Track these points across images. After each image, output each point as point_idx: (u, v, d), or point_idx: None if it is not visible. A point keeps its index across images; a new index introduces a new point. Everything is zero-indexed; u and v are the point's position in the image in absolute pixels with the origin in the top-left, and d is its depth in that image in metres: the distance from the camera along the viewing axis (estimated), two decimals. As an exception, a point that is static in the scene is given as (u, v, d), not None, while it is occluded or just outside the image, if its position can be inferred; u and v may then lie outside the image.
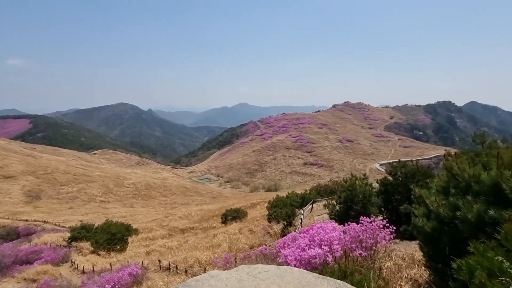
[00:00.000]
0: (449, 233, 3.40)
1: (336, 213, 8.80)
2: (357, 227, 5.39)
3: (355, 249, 5.14)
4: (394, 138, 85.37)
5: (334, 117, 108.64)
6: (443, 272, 3.23)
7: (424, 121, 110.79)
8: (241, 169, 74.36)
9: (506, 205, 2.87)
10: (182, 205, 45.98)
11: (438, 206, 3.55)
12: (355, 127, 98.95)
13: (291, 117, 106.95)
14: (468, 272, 2.31)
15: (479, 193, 3.20)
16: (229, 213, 24.06)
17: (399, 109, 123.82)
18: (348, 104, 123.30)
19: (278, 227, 15.01)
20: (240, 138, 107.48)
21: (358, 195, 8.11)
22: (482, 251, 2.32)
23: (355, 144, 77.81)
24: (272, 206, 18.28)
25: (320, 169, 65.36)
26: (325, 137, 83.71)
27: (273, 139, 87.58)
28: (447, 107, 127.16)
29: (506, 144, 4.25)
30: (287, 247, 6.72)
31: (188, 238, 20.82)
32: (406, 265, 4.48)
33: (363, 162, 64.77)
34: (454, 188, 3.63)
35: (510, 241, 2.20)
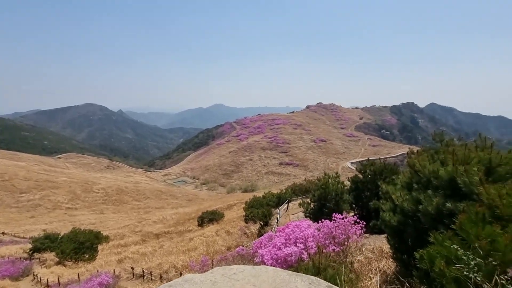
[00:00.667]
0: (412, 225, 3.63)
1: (310, 211, 9.02)
2: (330, 224, 5.58)
3: (329, 245, 5.32)
4: (364, 138, 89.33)
5: (308, 117, 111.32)
6: (408, 263, 3.44)
7: (391, 121, 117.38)
8: (218, 171, 73.65)
9: (461, 197, 3.13)
10: (157, 209, 44.51)
11: (403, 201, 3.78)
12: (328, 127, 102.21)
13: (267, 118, 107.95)
14: (429, 261, 2.49)
15: (438, 187, 3.46)
16: (205, 215, 23.72)
17: (368, 110, 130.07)
18: (321, 105, 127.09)
19: (255, 227, 15.06)
20: (216, 139, 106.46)
21: (331, 193, 8.39)
22: (441, 241, 2.51)
23: (328, 143, 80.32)
24: (249, 206, 18.31)
25: (295, 168, 66.62)
26: (300, 137, 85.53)
27: (249, 140, 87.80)
28: (410, 108, 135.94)
29: (461, 142, 4.62)
30: (263, 246, 6.77)
31: (163, 243, 20.20)
32: (376, 258, 4.72)
33: (336, 161, 67.04)
34: (417, 183, 3.88)
35: (464, 231, 2.41)
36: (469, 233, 2.31)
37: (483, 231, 2.21)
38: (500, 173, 3.19)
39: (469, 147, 3.53)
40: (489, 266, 2.10)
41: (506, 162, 3.22)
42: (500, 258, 2.06)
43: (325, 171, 10.86)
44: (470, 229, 2.30)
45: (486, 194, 2.63)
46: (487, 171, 3.26)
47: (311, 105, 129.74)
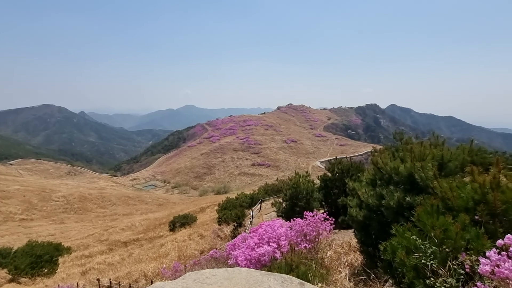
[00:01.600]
0: (377, 219, 3.85)
1: (282, 210, 9.18)
2: (302, 222, 5.73)
3: (301, 243, 5.46)
4: (332, 138, 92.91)
5: (279, 118, 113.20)
6: (373, 255, 3.65)
7: (356, 122, 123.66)
8: (189, 173, 72.01)
9: (419, 191, 3.40)
10: (125, 215, 42.32)
11: (367, 197, 4.00)
12: (298, 128, 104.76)
13: (238, 119, 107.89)
14: (391, 252, 2.66)
15: (399, 182, 3.71)
16: (177, 219, 23.05)
17: (335, 111, 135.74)
18: (291, 107, 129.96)
19: (228, 229, 14.96)
20: (187, 141, 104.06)
21: (302, 191, 8.61)
22: (402, 232, 2.69)
23: (299, 144, 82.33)
24: (222, 208, 18.14)
25: (267, 169, 67.33)
26: (271, 138, 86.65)
27: (221, 142, 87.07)
28: (373, 109, 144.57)
29: (418, 140, 5.00)
30: (237, 248, 6.76)
31: (132, 251, 19.27)
32: (344, 252, 4.93)
33: (306, 161, 68.92)
34: (380, 179, 4.13)
35: (421, 222, 2.61)
36: (426, 224, 2.51)
37: (437, 221, 2.41)
38: (450, 167, 3.51)
39: (424, 145, 3.84)
40: (443, 253, 2.29)
41: (455, 158, 3.55)
42: (452, 245, 2.26)
43: (296, 170, 11.12)
44: (426, 220, 2.50)
45: (439, 188, 2.88)
46: (440, 166, 3.57)
47: (282, 106, 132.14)
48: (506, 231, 2.15)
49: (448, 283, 1.99)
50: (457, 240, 2.22)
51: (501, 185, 2.45)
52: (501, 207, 2.29)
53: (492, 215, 2.33)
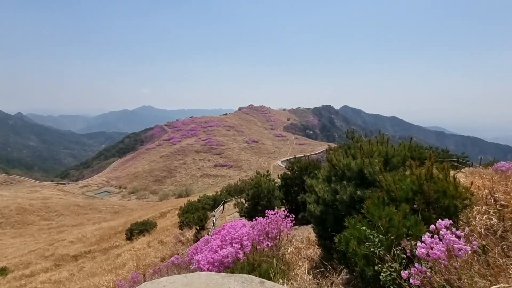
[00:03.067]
0: (332, 213, 4.08)
1: (245, 210, 9.23)
2: (264, 221, 5.82)
3: (263, 241, 5.54)
4: (291, 137, 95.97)
5: (240, 119, 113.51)
6: (329, 247, 3.86)
7: (313, 122, 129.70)
8: (148, 177, 68.44)
9: (368, 185, 3.68)
10: (74, 226, 38.60)
11: (324, 192, 4.21)
12: (259, 128, 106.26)
13: (200, 120, 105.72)
14: (345, 243, 2.84)
15: (351, 178, 3.97)
16: (135, 227, 21.74)
17: (294, 112, 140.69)
18: (252, 107, 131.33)
19: (191, 233, 14.56)
20: (145, 143, 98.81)
21: (263, 191, 8.75)
22: (353, 224, 2.89)
23: (260, 144, 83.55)
24: (184, 212, 17.59)
25: (230, 170, 67.07)
26: (233, 139, 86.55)
27: (182, 143, 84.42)
28: (328, 110, 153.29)
29: (367, 138, 5.39)
30: (199, 252, 6.62)
31: (84, 265, 17.67)
32: (304, 247, 5.13)
33: (268, 160, 70.20)
34: (334, 176, 4.38)
35: (370, 213, 2.83)
36: (374, 215, 2.72)
37: (383, 212, 2.64)
38: (394, 162, 3.87)
39: (372, 143, 4.18)
40: (388, 240, 2.52)
41: (398, 154, 3.92)
42: (395, 233, 2.49)
43: (258, 170, 11.27)
44: (374, 211, 2.72)
45: (384, 181, 3.15)
46: (385, 161, 3.91)
47: (243, 107, 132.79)
48: (438, 217, 2.44)
49: (393, 267, 2.19)
50: (399, 228, 2.45)
51: (434, 176, 2.78)
52: (434, 196, 2.59)
53: (427, 203, 2.63)
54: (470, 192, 2.59)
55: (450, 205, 2.50)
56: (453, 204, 2.50)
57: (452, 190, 2.58)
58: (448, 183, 2.67)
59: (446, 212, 2.52)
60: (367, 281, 2.48)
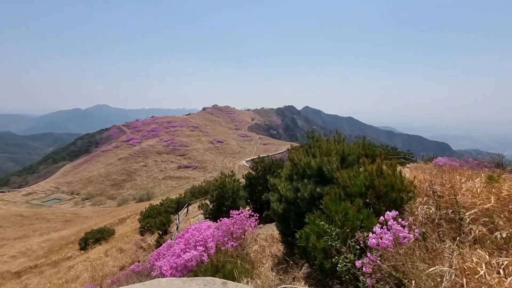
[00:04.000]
0: (294, 210, 4.22)
1: (210, 211, 9.11)
2: (228, 221, 5.80)
3: (228, 242, 5.52)
4: (256, 137, 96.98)
5: (205, 119, 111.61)
6: (292, 244, 3.98)
7: (277, 122, 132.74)
8: (105, 182, 63.84)
9: (327, 182, 3.87)
10: (17, 239, 34.45)
11: (286, 191, 4.33)
12: (224, 128, 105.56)
13: (162, 121, 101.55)
14: (305, 238, 2.95)
15: (311, 176, 4.14)
16: (90, 235, 20.15)
17: (258, 112, 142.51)
18: (217, 107, 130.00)
19: (153, 239, 13.93)
20: (101, 145, 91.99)
21: (228, 191, 8.72)
22: (313, 220, 3.02)
23: (225, 144, 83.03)
24: (145, 216, 16.77)
25: (194, 171, 65.54)
26: (197, 139, 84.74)
27: (143, 145, 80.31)
28: (290, 110, 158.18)
29: (325, 137, 5.66)
30: (162, 257, 6.36)
31: (29, 281, 15.90)
32: (268, 245, 5.22)
33: (233, 161, 70.01)
34: (296, 174, 4.53)
35: (328, 209, 2.98)
36: (331, 210, 2.88)
37: (339, 207, 2.80)
38: (350, 160, 4.12)
39: (330, 142, 4.41)
40: (344, 233, 2.68)
41: (353, 152, 4.19)
42: (350, 226, 2.66)
43: (223, 171, 11.19)
44: (331, 206, 2.87)
45: (341, 178, 3.34)
46: (342, 159, 4.15)
47: (207, 107, 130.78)
48: (387, 209, 2.67)
49: (348, 258, 2.34)
50: (354, 221, 2.63)
51: (384, 172, 3.03)
52: (383, 190, 2.83)
53: (378, 197, 2.85)
54: (413, 185, 2.87)
55: (397, 197, 2.74)
56: (399, 196, 2.75)
57: (399, 184, 2.83)
58: (395, 178, 2.92)
59: (394, 204, 2.75)
60: (326, 273, 2.62)
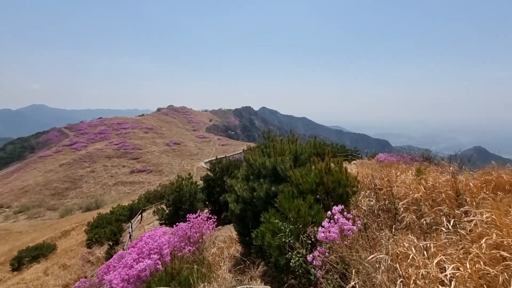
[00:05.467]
0: (251, 210, 4.26)
1: (166, 217, 8.73)
2: (185, 226, 5.63)
3: (185, 247, 5.36)
4: (214, 138, 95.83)
5: (160, 121, 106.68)
6: (249, 243, 4.02)
7: (234, 123, 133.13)
8: (43, 191, 56.89)
9: (281, 181, 3.98)
10: None
11: (242, 191, 4.36)
12: (181, 130, 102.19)
13: (111, 122, 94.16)
14: (261, 237, 3.00)
15: (266, 175, 4.23)
16: (25, 253, 17.76)
17: (216, 113, 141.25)
18: (173, 108, 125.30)
19: (102, 251, 12.83)
20: (38, 151, 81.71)
21: (185, 194, 8.46)
22: (268, 218, 3.09)
23: (182, 146, 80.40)
24: (93, 227, 15.38)
25: (149, 175, 62.13)
26: (152, 141, 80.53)
27: (89, 149, 73.51)
28: (248, 111, 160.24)
29: (280, 137, 5.83)
30: (112, 270, 5.93)
31: None
32: (227, 246, 5.19)
33: (191, 163, 68.13)
34: (252, 174, 4.58)
35: (282, 207, 3.07)
36: (285, 208, 2.98)
37: (292, 204, 2.91)
38: (302, 159, 4.31)
39: (284, 142, 4.56)
40: (297, 229, 2.79)
41: (305, 151, 4.39)
42: (302, 222, 2.78)
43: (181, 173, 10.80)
44: (285, 204, 2.97)
45: (294, 176, 3.47)
46: (295, 158, 4.32)
47: (163, 108, 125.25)
48: (335, 204, 2.85)
49: (301, 253, 2.45)
50: (305, 217, 2.76)
51: (331, 169, 3.23)
52: (331, 186, 3.02)
53: (327, 193, 3.03)
54: (357, 180, 3.12)
55: (343, 192, 2.95)
56: (345, 191, 2.96)
57: (344, 180, 3.04)
58: (342, 174, 3.14)
59: (341, 199, 2.96)
60: (281, 270, 2.70)
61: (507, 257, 1.30)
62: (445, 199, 2.24)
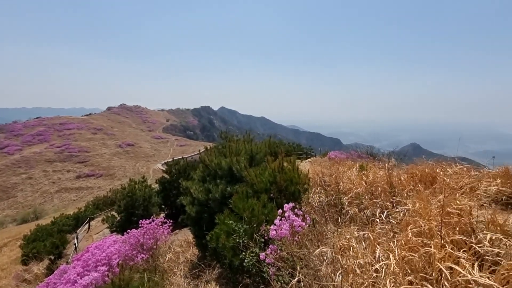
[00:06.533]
0: (207, 212, 4.19)
1: (117, 224, 8.14)
2: (137, 232, 5.30)
3: (137, 255, 5.05)
4: (171, 139, 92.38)
5: (111, 120, 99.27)
6: (206, 246, 3.95)
7: (193, 123, 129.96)
8: (-35, 203, 48.88)
9: (236, 181, 3.99)
10: None
11: (198, 193, 4.26)
12: (135, 130, 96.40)
13: (52, 122, 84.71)
14: (215, 239, 2.97)
15: (222, 176, 4.20)
16: None
17: (173, 112, 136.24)
18: (125, 107, 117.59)
19: (41, 266, 11.46)
20: (-44, 156, 69.92)
21: (138, 199, 7.98)
22: (223, 219, 3.06)
23: (137, 147, 75.90)
24: (30, 241, 13.65)
25: (99, 179, 57.37)
26: (102, 143, 74.48)
27: (25, 152, 65.14)
28: (207, 111, 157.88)
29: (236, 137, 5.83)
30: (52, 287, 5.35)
31: None
32: (183, 250, 5.03)
33: (146, 165, 64.73)
34: (208, 175, 4.50)
35: (237, 207, 3.07)
36: (239, 208, 2.98)
37: (246, 204, 2.93)
38: (258, 159, 4.36)
39: (239, 142, 4.57)
40: (251, 229, 2.81)
41: (261, 150, 4.46)
42: (256, 221, 2.81)
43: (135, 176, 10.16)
44: (239, 204, 2.97)
45: (249, 176, 3.50)
46: (251, 158, 4.36)
47: (114, 107, 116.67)
48: (287, 201, 2.94)
49: (254, 252, 2.47)
50: (259, 216, 2.79)
51: (285, 168, 3.33)
52: (284, 184, 3.11)
53: (280, 191, 3.12)
54: (307, 178, 3.26)
55: (295, 190, 3.06)
56: (297, 189, 3.07)
57: (296, 178, 3.16)
58: (294, 172, 3.25)
59: (293, 196, 3.06)
60: (236, 270, 2.70)
61: (427, 243, 1.48)
62: (381, 192, 2.48)
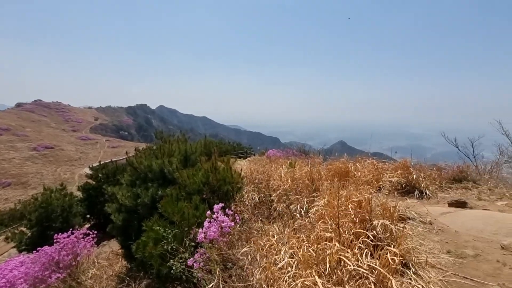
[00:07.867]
0: (136, 219, 3.86)
1: (27, 242, 6.90)
2: (51, 249, 4.58)
3: (51, 275, 4.36)
4: (102, 140, 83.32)
5: (22, 119, 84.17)
6: (133, 257, 3.63)
7: (127, 122, 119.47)
8: None
9: (169, 184, 3.77)
10: None
11: (125, 199, 3.89)
12: (54, 130, 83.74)
13: None
14: (142, 247, 2.74)
15: (153, 179, 3.92)
16: None
17: (103, 111, 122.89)
18: (41, 104, 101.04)
19: None
20: None
21: (55, 210, 6.92)
22: (151, 226, 2.85)
23: (57, 150, 66.09)
24: None
25: (6, 190, 48.07)
26: (10, 146, 62.60)
27: None
28: (143, 110, 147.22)
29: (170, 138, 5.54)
30: None
31: None
32: (111, 264, 4.54)
33: (70, 169, 56.92)
34: (138, 179, 4.15)
35: (166, 211, 2.89)
36: (169, 212, 2.81)
37: (176, 207, 2.78)
38: (193, 159, 4.21)
39: (172, 142, 4.34)
40: (182, 234, 2.68)
41: (196, 151, 4.31)
42: (187, 224, 2.69)
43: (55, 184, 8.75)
44: (169, 208, 2.81)
45: (181, 178, 3.34)
46: (186, 159, 4.18)
47: (25, 103, 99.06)
48: (220, 202, 2.90)
49: (183, 258, 2.36)
50: (190, 219, 2.68)
51: (218, 168, 3.28)
52: (217, 184, 3.06)
53: (212, 191, 3.05)
54: (241, 177, 3.27)
55: (228, 190, 3.04)
56: (230, 188, 3.05)
57: (230, 177, 3.14)
58: (227, 172, 3.22)
59: (226, 196, 3.04)
60: (165, 279, 2.54)
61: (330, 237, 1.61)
62: (304, 188, 2.65)
